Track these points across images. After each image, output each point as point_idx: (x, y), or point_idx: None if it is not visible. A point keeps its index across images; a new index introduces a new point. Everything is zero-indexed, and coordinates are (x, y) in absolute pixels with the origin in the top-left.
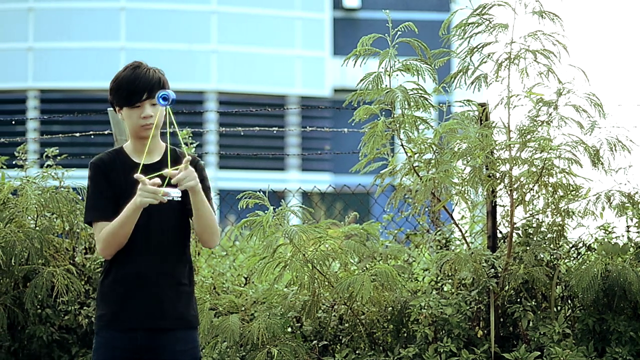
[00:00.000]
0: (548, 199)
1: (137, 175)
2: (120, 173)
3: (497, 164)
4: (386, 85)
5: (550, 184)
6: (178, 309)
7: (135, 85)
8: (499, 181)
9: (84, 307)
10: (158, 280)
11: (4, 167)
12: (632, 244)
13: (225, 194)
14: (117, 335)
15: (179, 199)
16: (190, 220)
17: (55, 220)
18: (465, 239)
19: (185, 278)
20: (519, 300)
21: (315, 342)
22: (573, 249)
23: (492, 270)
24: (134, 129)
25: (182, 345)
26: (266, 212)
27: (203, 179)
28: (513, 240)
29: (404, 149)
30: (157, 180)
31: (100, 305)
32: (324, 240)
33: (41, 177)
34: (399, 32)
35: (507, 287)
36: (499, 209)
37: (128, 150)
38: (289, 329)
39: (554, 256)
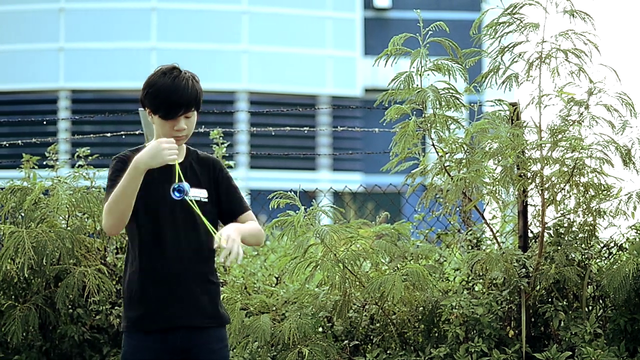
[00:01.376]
0: (579, 199)
1: (160, 140)
2: (148, 173)
3: (528, 164)
4: (417, 85)
5: (581, 184)
6: (210, 307)
7: (174, 100)
8: (530, 181)
9: (115, 307)
10: (190, 278)
11: (36, 167)
12: None
13: (256, 194)
14: (151, 337)
15: (206, 199)
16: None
17: (86, 220)
18: (496, 239)
19: (214, 276)
20: (550, 300)
21: (346, 342)
22: (604, 248)
23: (524, 270)
24: (164, 137)
25: (215, 344)
26: (297, 212)
27: (233, 186)
28: (544, 240)
29: (435, 148)
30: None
31: (131, 306)
32: (355, 240)
33: (72, 177)
34: (429, 32)
35: (538, 287)
36: (530, 209)
37: None
38: (320, 329)
39: (586, 256)
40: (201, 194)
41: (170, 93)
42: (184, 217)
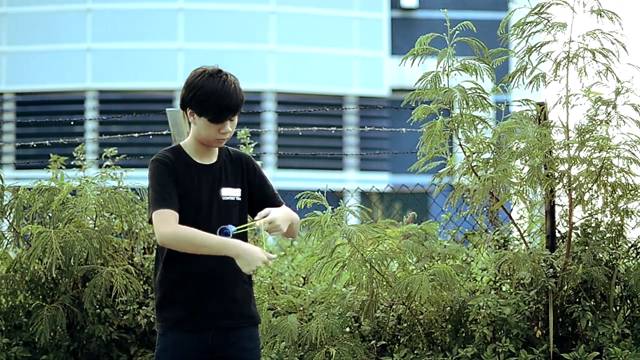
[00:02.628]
0: (607, 199)
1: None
2: (185, 172)
3: (556, 164)
4: (444, 85)
5: (609, 184)
6: (245, 307)
7: (225, 105)
8: (557, 181)
9: (143, 307)
10: (225, 278)
11: (63, 167)
12: None
13: (283, 194)
14: (188, 336)
15: (240, 198)
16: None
17: (114, 220)
18: (523, 239)
19: (247, 277)
20: (577, 300)
21: (373, 342)
22: (632, 248)
23: (551, 270)
24: (207, 138)
25: (250, 343)
26: (324, 212)
27: (266, 181)
28: (572, 239)
29: (462, 148)
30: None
31: (166, 307)
32: (382, 240)
33: (100, 177)
34: (456, 32)
35: (565, 287)
36: (557, 209)
37: (188, 149)
38: (347, 329)
39: (613, 256)
40: (235, 193)
41: (221, 98)
42: (220, 218)
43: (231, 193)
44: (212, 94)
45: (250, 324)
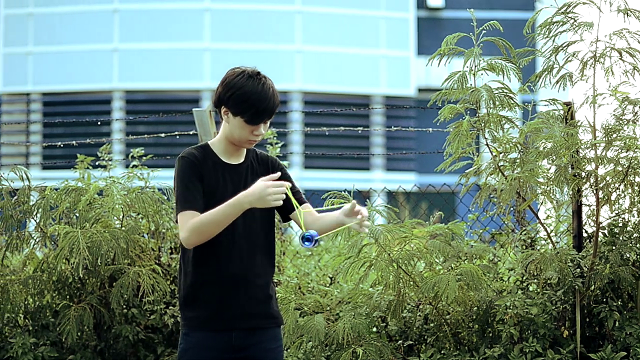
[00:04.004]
0: (634, 198)
1: (269, 177)
2: (212, 171)
3: (583, 163)
4: (471, 85)
5: (636, 183)
6: (269, 308)
7: (263, 107)
8: (584, 180)
9: (170, 307)
10: (250, 279)
11: (90, 167)
12: None
13: (310, 194)
14: (212, 336)
15: None
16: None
17: (140, 220)
18: (550, 239)
19: (272, 278)
20: (604, 300)
21: (400, 341)
22: None
23: (578, 270)
24: (239, 139)
25: (272, 343)
26: None
27: (286, 177)
28: (599, 239)
29: (489, 148)
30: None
31: (191, 306)
32: (409, 239)
33: (127, 177)
34: (483, 31)
35: (592, 287)
36: (584, 209)
37: (216, 148)
38: (374, 329)
39: None
40: None
41: (260, 100)
42: (245, 218)
43: None
44: (250, 96)
45: (273, 325)
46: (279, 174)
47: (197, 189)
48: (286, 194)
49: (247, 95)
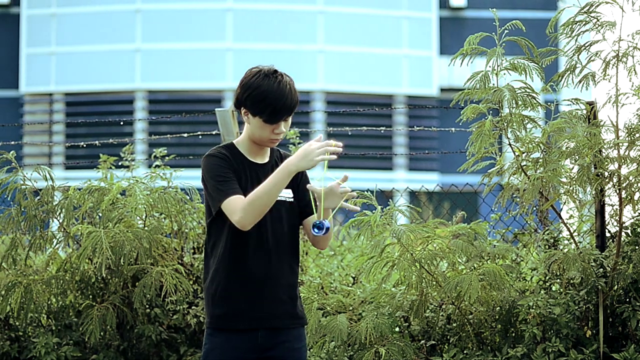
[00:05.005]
0: None
1: (311, 142)
2: (240, 169)
3: (606, 163)
4: (493, 84)
5: None
6: (295, 308)
7: (281, 106)
8: (607, 180)
9: (193, 307)
10: (276, 279)
11: (113, 167)
12: None
13: None
14: (236, 336)
15: (292, 199)
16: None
17: (163, 220)
18: (573, 238)
19: (296, 278)
20: (628, 300)
21: (423, 341)
22: None
23: (601, 269)
24: (260, 138)
25: (297, 343)
26: (374, 211)
27: (307, 178)
28: (622, 239)
29: (512, 148)
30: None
31: (215, 305)
32: (432, 239)
33: (149, 177)
34: (505, 31)
35: (615, 287)
36: (607, 208)
37: (241, 148)
38: (397, 329)
39: None
40: (287, 194)
41: (277, 99)
42: (271, 218)
43: (283, 193)
44: (267, 95)
45: (298, 325)
46: (320, 136)
47: (232, 179)
48: (314, 200)
49: (263, 95)
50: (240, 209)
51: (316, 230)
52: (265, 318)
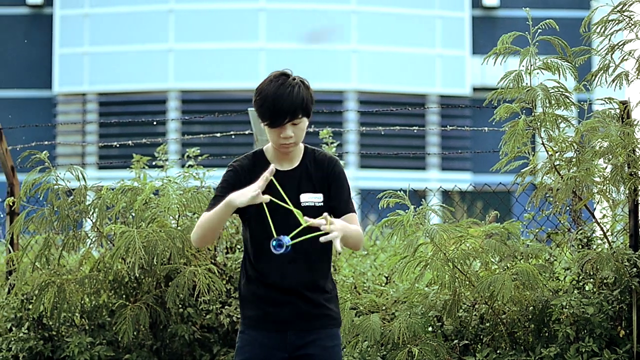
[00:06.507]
0: None
1: (254, 187)
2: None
3: (639, 162)
4: (526, 84)
5: None
6: (325, 309)
7: (279, 108)
8: None
9: (226, 307)
10: (307, 282)
11: (146, 167)
12: None
13: (366, 194)
14: (267, 335)
15: (321, 204)
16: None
17: (196, 220)
18: (606, 238)
19: (329, 279)
20: None
21: (456, 341)
22: None
23: (634, 269)
24: (273, 144)
25: (329, 342)
26: (407, 211)
27: (341, 185)
28: None
29: (545, 147)
30: (266, 197)
31: (247, 305)
32: (465, 239)
33: (182, 177)
34: (538, 30)
35: None
36: None
37: (268, 155)
38: (430, 328)
39: None
40: (315, 198)
41: (273, 102)
42: (296, 224)
43: (311, 199)
44: (266, 99)
45: (329, 325)
46: (271, 169)
47: (224, 196)
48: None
49: (263, 100)
50: (196, 226)
51: (278, 248)
52: (293, 321)
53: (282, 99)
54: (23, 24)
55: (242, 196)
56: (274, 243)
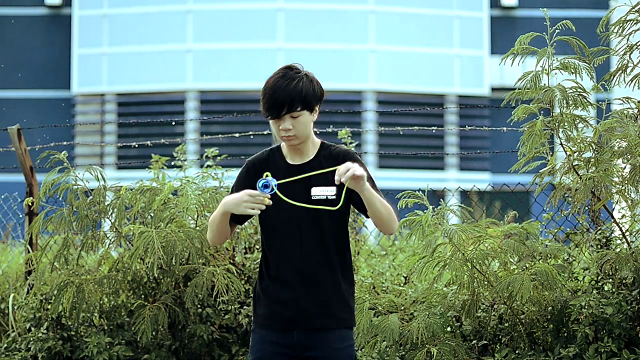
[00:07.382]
0: None
1: (247, 192)
2: (275, 174)
3: None
4: (544, 84)
5: None
6: (336, 309)
7: (275, 100)
8: None
9: (244, 307)
10: (318, 280)
11: (164, 167)
12: None
13: (384, 194)
14: (276, 333)
15: (334, 197)
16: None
17: None
18: (625, 238)
19: (342, 279)
20: None
21: (474, 341)
22: None
23: None
24: (277, 136)
25: (338, 343)
26: (425, 211)
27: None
28: None
29: (563, 147)
30: (256, 212)
31: (258, 304)
32: (484, 239)
33: (201, 177)
34: (556, 30)
35: None
36: None
37: (284, 150)
38: (449, 329)
39: None
40: (327, 192)
41: (268, 94)
42: (309, 222)
43: (322, 192)
44: (265, 91)
45: (340, 326)
46: (267, 175)
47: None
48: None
49: (263, 92)
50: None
51: (263, 189)
52: (299, 320)
53: (279, 90)
54: (42, 24)
55: (236, 206)
56: (260, 183)
